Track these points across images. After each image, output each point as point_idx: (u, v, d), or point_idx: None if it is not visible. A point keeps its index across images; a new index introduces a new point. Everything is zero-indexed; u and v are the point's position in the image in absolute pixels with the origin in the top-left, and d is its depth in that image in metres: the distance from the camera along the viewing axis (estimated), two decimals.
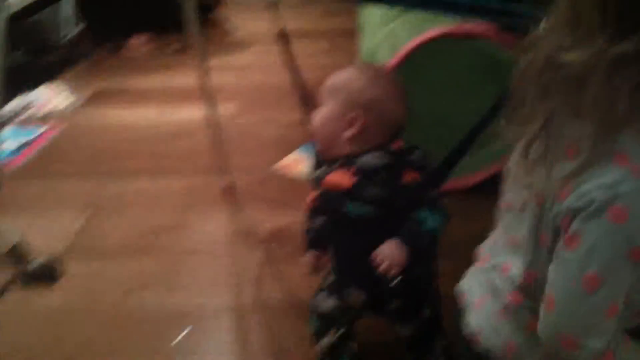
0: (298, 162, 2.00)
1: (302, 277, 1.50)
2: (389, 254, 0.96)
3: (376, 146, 1.00)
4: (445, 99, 1.81)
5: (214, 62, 2.92)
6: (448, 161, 1.19)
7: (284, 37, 1.28)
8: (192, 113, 2.40)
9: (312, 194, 1.16)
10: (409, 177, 0.98)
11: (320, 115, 1.04)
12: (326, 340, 1.15)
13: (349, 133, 1.00)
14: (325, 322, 1.16)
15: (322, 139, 1.04)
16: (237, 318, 1.42)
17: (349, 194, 0.99)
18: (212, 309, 1.44)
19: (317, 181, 1.05)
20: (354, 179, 0.99)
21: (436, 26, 1.67)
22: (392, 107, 1.02)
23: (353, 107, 1.00)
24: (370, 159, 0.99)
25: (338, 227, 1.07)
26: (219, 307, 1.45)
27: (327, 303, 1.15)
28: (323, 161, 1.08)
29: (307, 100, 1.37)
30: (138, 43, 3.18)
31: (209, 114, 1.73)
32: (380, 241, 0.98)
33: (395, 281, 0.99)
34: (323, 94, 1.04)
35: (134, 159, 2.10)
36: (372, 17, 2.21)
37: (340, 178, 1.00)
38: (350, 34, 3.19)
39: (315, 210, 1.15)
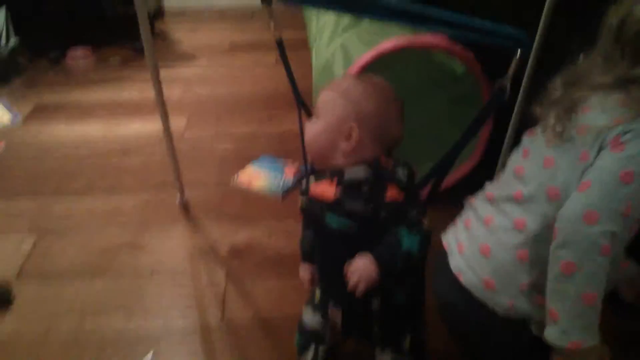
0: (255, 176, 1.96)
1: (268, 294, 1.48)
2: (359, 267, 0.94)
3: (368, 160, 1.00)
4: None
5: (165, 73, 2.86)
6: (431, 179, 1.20)
7: (280, 45, 1.27)
8: (140, 128, 2.34)
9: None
10: (392, 194, 0.98)
11: (316, 126, 1.01)
12: (307, 357, 1.13)
13: (345, 146, 0.99)
14: (308, 338, 1.14)
15: (317, 150, 1.02)
16: (202, 340, 1.37)
17: (330, 205, 0.98)
18: (175, 331, 1.39)
19: (303, 193, 1.04)
20: (337, 191, 0.98)
21: (388, 38, 1.69)
22: (389, 121, 1.01)
23: (350, 119, 0.99)
24: (356, 173, 0.98)
25: (320, 239, 1.06)
26: (183, 330, 1.39)
27: (312, 319, 1.13)
28: (312, 170, 1.07)
29: (305, 108, 1.36)
30: (76, 57, 3.07)
31: (163, 128, 1.67)
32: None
33: (375, 303, 0.99)
34: (319, 105, 1.02)
35: (82, 176, 2.01)
36: (323, 30, 2.22)
37: (325, 189, 0.99)
38: (299, 46, 3.17)
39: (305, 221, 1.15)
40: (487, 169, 1.82)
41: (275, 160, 2.06)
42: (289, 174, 1.97)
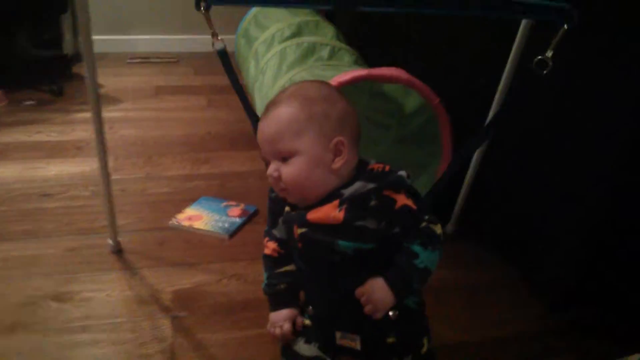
0: (196, 218, 1.79)
1: (223, 347, 1.31)
2: (373, 296, 0.87)
3: (354, 167, 0.91)
4: None
5: (82, 115, 2.66)
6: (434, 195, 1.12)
7: (222, 55, 1.12)
8: (59, 170, 2.12)
9: (271, 244, 1.04)
10: (401, 202, 0.88)
11: (296, 165, 0.89)
12: None
13: (339, 163, 0.89)
14: None
15: (309, 187, 0.90)
16: None
17: (339, 229, 0.87)
18: None
19: (299, 222, 0.92)
20: (343, 212, 0.86)
21: (342, 72, 1.62)
22: (355, 116, 0.94)
23: (334, 131, 0.89)
24: (358, 187, 0.88)
25: (323, 268, 0.93)
26: None
27: (308, 349, 1.00)
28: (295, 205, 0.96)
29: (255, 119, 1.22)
30: None
31: (100, 167, 1.49)
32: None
33: (391, 314, 0.89)
34: (282, 140, 0.89)
35: None
36: (265, 70, 2.14)
37: (328, 213, 0.88)
38: (226, 90, 3.06)
39: (282, 258, 1.03)
40: (445, 206, 1.76)
41: (217, 201, 1.90)
42: (233, 215, 1.81)
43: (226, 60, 1.13)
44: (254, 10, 2.70)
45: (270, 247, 1.04)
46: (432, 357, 1.00)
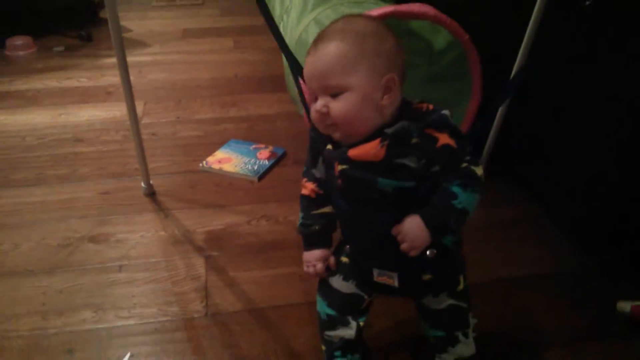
0: (226, 160, 1.81)
1: (255, 284, 1.34)
2: (409, 233, 0.87)
3: (399, 108, 0.90)
4: None
5: (111, 61, 2.68)
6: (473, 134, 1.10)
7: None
8: (91, 115, 2.15)
9: (309, 185, 1.03)
10: (443, 140, 0.87)
11: (348, 101, 0.87)
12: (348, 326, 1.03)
13: (387, 100, 0.88)
14: (343, 307, 1.03)
15: (361, 124, 0.89)
16: (187, 338, 1.21)
17: (381, 166, 0.87)
18: (154, 330, 1.23)
19: (340, 159, 0.92)
20: (384, 149, 0.86)
21: (367, 9, 1.58)
22: (404, 53, 0.91)
23: (385, 68, 0.87)
24: (401, 126, 0.88)
25: (362, 206, 0.93)
26: (163, 328, 1.23)
27: (345, 285, 1.02)
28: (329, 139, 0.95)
29: (297, 66, 1.19)
30: (16, 47, 2.82)
31: (128, 113, 1.51)
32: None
33: (428, 253, 0.90)
34: (332, 74, 0.87)
35: (31, 167, 1.80)
36: (290, 9, 2.09)
37: (370, 150, 0.88)
38: (252, 31, 3.06)
39: (320, 199, 1.03)
40: (476, 144, 1.75)
41: (246, 144, 1.91)
42: (262, 157, 1.83)
43: (263, 5, 1.11)
44: None
45: (308, 187, 1.04)
46: (466, 293, 1.01)
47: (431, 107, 0.90)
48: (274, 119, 2.14)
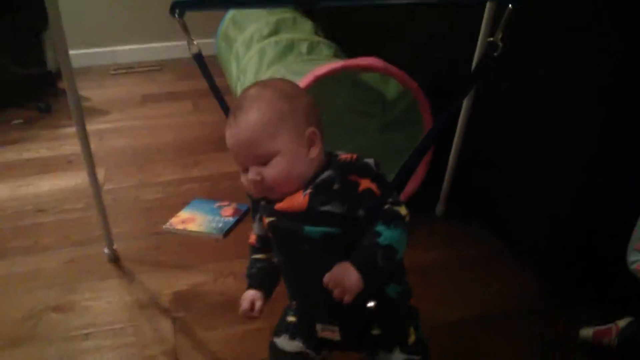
0: (190, 220, 1.82)
1: (225, 343, 1.34)
2: (338, 278, 0.85)
3: (325, 160, 0.94)
4: (331, 134, 1.79)
5: (70, 130, 2.68)
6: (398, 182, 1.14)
7: (198, 58, 1.15)
8: (52, 185, 2.14)
9: (252, 236, 1.05)
10: (365, 185, 0.90)
11: (280, 163, 0.89)
12: None
13: (314, 153, 0.92)
14: None
15: (296, 180, 0.91)
16: None
17: (305, 215, 0.89)
18: None
19: (267, 212, 0.94)
20: (307, 198, 0.89)
21: (320, 65, 1.65)
22: (318, 108, 0.96)
23: (305, 124, 0.91)
24: (324, 175, 0.91)
25: (295, 258, 0.95)
26: None
27: (291, 344, 1.02)
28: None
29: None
30: None
31: (89, 180, 1.52)
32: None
33: (370, 305, 0.90)
34: (262, 144, 0.89)
35: None
36: (246, 70, 2.16)
37: (294, 200, 0.91)
38: (210, 94, 3.11)
39: (259, 247, 1.04)
40: (433, 188, 1.80)
41: (209, 203, 1.93)
42: (226, 214, 1.85)
43: (202, 63, 1.16)
44: (230, 13, 2.72)
45: (251, 237, 1.06)
46: (421, 345, 1.01)
47: (355, 157, 0.94)
48: (237, 177, 2.10)
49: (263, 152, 0.88)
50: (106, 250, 1.65)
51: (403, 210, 0.91)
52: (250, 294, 1.00)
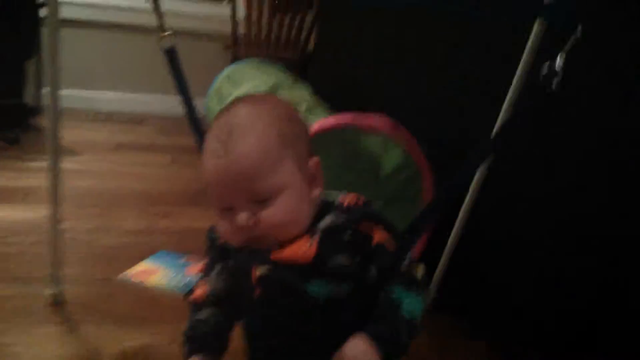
0: (151, 272, 1.62)
1: None
2: (357, 357, 0.68)
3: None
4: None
5: (35, 164, 2.49)
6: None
7: (170, 53, 1.01)
8: (3, 214, 1.92)
9: (198, 290, 0.86)
10: (378, 238, 0.75)
11: (285, 202, 0.73)
12: None
13: (317, 190, 0.77)
14: None
15: (294, 227, 0.76)
16: None
17: (311, 268, 0.72)
18: None
19: (260, 262, 0.76)
20: (315, 247, 0.73)
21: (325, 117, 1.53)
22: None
23: (307, 153, 0.77)
24: (331, 219, 0.75)
25: (286, 323, 0.77)
26: None
27: None
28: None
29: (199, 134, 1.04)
30: None
31: (49, 214, 1.35)
32: (348, 333, 0.71)
33: None
34: (261, 179, 0.72)
35: None
36: None
37: (297, 249, 0.74)
38: (192, 151, 2.96)
39: (209, 305, 0.84)
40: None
41: (175, 257, 1.73)
42: (191, 272, 1.65)
43: (174, 58, 1.01)
44: (227, 70, 2.67)
45: (197, 291, 0.86)
46: None
47: (361, 200, 0.79)
48: None
49: (264, 189, 0.72)
50: (50, 291, 1.43)
51: (420, 271, 0.77)
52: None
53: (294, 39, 3.13)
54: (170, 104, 3.85)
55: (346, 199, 0.79)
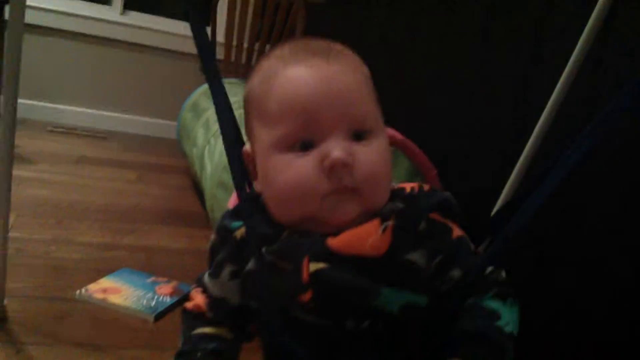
0: (114, 291, 1.39)
1: None
2: None
3: None
4: None
5: None
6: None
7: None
8: None
9: (198, 297, 0.68)
10: (458, 232, 0.59)
11: (380, 145, 0.59)
12: None
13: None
14: None
15: (383, 191, 0.59)
16: None
17: (382, 265, 0.55)
18: None
19: (314, 252, 0.57)
20: (389, 235, 0.55)
21: None
22: None
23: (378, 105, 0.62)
24: (395, 207, 0.58)
25: (346, 347, 0.57)
26: None
27: None
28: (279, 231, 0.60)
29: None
30: None
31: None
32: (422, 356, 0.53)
33: None
34: (364, 100, 0.59)
35: None
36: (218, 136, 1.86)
37: (366, 235, 0.56)
38: (158, 169, 2.77)
39: (211, 318, 0.66)
40: None
41: (142, 275, 1.51)
42: (162, 292, 1.42)
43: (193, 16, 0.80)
44: (204, 86, 2.52)
45: (195, 299, 0.68)
46: None
47: (427, 187, 0.62)
48: (181, 254, 1.77)
49: (367, 116, 0.58)
50: None
51: (504, 277, 0.60)
52: None
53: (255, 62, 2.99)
54: (135, 123, 3.67)
55: (406, 185, 0.62)
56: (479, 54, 1.49)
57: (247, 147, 0.67)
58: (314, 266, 0.56)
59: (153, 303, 1.36)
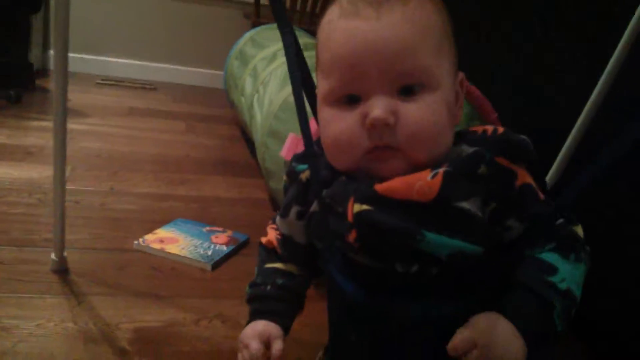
0: (170, 240, 1.40)
1: None
2: (485, 346, 0.49)
3: None
4: None
5: (37, 124, 2.28)
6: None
7: None
8: (2, 172, 1.71)
9: (272, 232, 0.69)
10: (524, 178, 0.54)
11: (433, 101, 0.54)
12: None
13: (460, 110, 0.59)
14: None
15: (431, 148, 0.55)
16: None
17: (430, 210, 0.52)
18: None
19: (360, 195, 0.55)
20: (439, 181, 0.51)
21: None
22: None
23: (456, 65, 0.57)
24: (459, 150, 0.55)
25: (391, 291, 0.56)
26: None
27: None
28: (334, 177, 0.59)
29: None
30: None
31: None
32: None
33: None
34: (421, 54, 0.54)
35: None
36: (269, 81, 1.83)
37: (414, 181, 0.53)
38: (207, 119, 2.76)
39: (282, 255, 0.68)
40: None
41: (198, 225, 1.51)
42: (218, 241, 1.43)
43: None
44: (250, 32, 2.47)
45: (270, 234, 0.70)
46: None
47: (501, 129, 0.57)
48: (234, 203, 1.76)
49: (418, 70, 0.54)
50: (53, 257, 1.21)
51: (580, 231, 0.55)
52: (263, 329, 0.62)
53: (319, 12, 2.90)
54: (183, 74, 3.67)
55: (477, 128, 0.57)
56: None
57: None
58: (357, 207, 0.55)
59: (210, 252, 1.37)
